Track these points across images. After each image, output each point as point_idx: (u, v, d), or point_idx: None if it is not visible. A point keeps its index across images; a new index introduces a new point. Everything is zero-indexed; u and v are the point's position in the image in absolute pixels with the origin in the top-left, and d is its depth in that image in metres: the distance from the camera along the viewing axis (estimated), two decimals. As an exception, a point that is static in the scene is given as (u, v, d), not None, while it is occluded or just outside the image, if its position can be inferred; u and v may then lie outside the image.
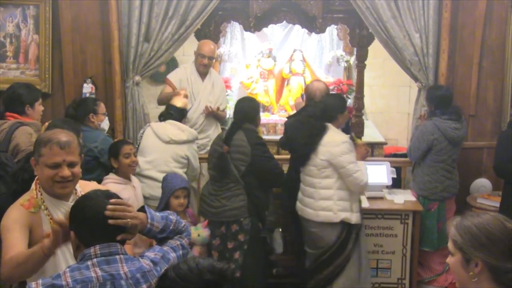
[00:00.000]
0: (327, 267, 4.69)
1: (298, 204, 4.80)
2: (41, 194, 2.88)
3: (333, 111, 4.69)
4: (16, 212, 2.82)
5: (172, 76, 6.02)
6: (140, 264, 2.37)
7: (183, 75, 5.99)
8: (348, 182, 4.57)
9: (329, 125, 4.65)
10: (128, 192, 4.33)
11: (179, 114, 5.27)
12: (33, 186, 2.93)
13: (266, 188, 4.71)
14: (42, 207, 2.85)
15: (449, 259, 2.25)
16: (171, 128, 5.11)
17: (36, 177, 2.93)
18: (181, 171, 5.10)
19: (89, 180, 4.00)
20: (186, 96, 5.53)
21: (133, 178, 4.53)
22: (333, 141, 4.57)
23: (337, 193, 4.59)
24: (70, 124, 4.11)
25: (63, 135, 2.85)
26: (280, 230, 4.92)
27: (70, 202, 2.89)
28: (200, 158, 5.39)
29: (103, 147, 4.64)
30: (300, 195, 4.79)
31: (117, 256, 2.33)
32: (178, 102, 5.34)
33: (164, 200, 4.52)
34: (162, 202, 4.53)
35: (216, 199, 4.62)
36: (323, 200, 4.59)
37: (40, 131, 4.26)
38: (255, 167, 4.54)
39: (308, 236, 4.81)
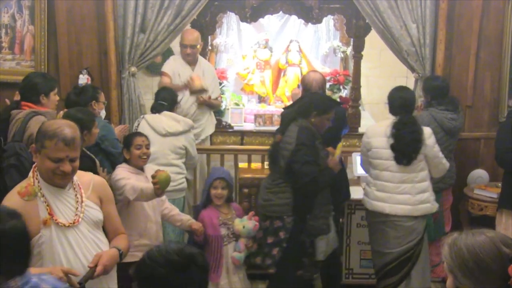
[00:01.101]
0: (408, 263, 4.62)
1: (379, 204, 4.62)
2: (38, 182, 2.88)
3: (413, 104, 4.69)
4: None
5: (166, 68, 5.99)
6: (53, 279, 2.34)
7: (173, 66, 5.98)
8: (437, 170, 4.63)
9: None
10: (140, 183, 4.31)
11: (171, 104, 5.26)
12: (30, 173, 2.93)
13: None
14: (39, 194, 2.86)
15: (447, 280, 2.10)
16: (166, 120, 5.10)
17: (34, 164, 2.94)
18: (179, 162, 5.11)
19: None
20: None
21: (147, 169, 4.49)
22: (426, 133, 4.56)
23: (430, 184, 4.62)
24: (86, 112, 4.18)
25: (69, 130, 2.84)
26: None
27: (67, 190, 2.92)
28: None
29: (103, 133, 4.62)
30: (382, 194, 4.62)
31: (34, 279, 2.20)
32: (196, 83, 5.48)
33: (205, 192, 4.60)
34: (204, 194, 4.63)
35: (265, 193, 4.50)
36: (421, 194, 4.54)
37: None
38: (290, 168, 4.32)
39: (395, 234, 4.64)
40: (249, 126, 6.95)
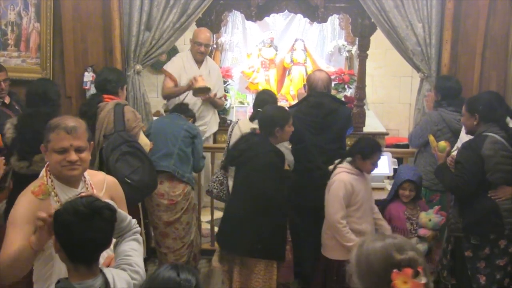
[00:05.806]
0: None
1: None
2: (51, 181, 2.89)
3: None
4: (24, 205, 2.80)
5: (169, 67, 6.09)
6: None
7: (179, 63, 6.06)
8: None
9: None
10: (360, 184, 4.38)
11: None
12: (43, 172, 2.94)
13: None
14: (53, 193, 2.86)
15: None
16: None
17: (47, 163, 2.94)
18: None
19: None
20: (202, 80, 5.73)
21: None
22: None
23: None
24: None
25: (71, 121, 2.86)
26: None
27: (80, 189, 2.90)
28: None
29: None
30: None
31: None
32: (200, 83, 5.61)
33: (393, 189, 4.77)
34: (392, 190, 4.80)
35: None
36: None
37: None
38: None
39: None
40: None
